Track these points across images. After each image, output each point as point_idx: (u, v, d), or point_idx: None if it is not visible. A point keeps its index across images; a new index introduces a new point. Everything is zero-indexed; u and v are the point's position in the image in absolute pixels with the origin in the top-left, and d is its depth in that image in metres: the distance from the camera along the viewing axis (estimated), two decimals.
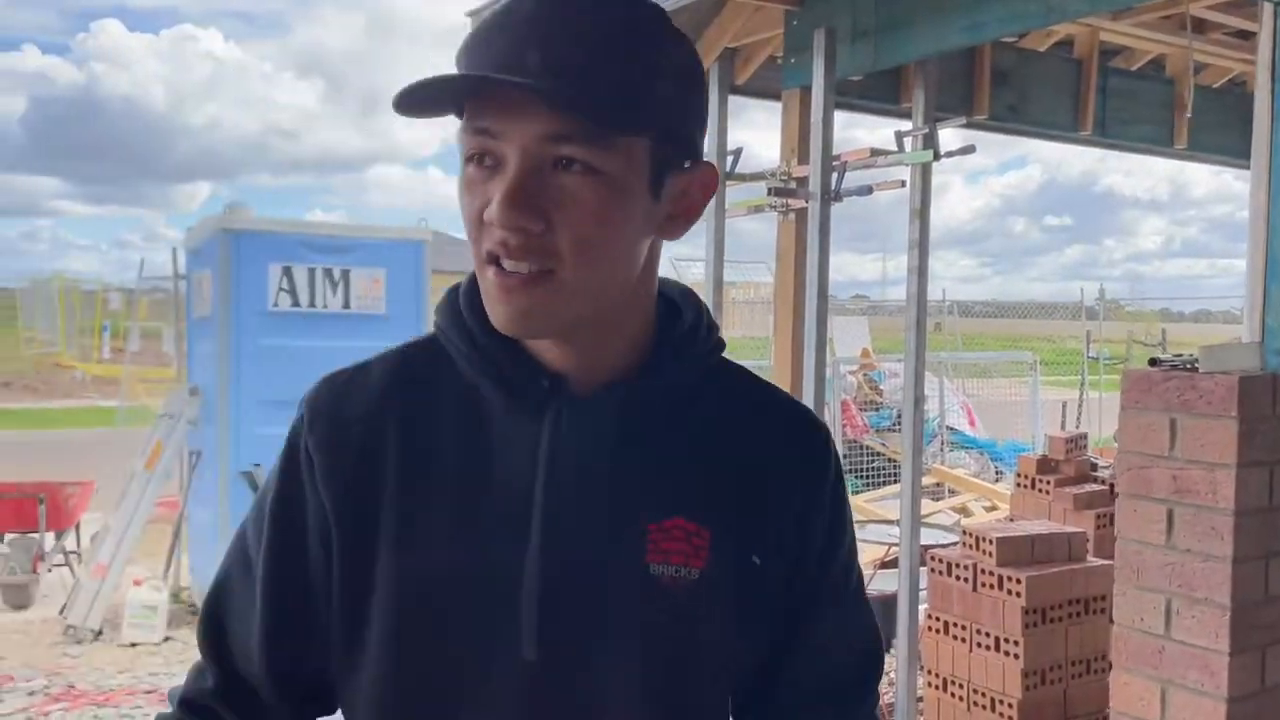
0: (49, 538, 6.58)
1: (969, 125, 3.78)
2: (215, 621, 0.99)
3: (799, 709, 1.00)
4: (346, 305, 6.04)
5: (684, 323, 0.97)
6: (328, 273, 6.00)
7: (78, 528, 6.80)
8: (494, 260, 0.85)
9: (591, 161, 0.82)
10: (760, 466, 0.96)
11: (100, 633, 5.55)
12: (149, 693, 4.71)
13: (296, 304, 5.91)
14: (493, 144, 0.84)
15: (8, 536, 6.41)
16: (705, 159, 0.94)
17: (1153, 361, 2.35)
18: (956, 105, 3.69)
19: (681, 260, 11.65)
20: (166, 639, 5.53)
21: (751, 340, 11.89)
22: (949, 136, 3.44)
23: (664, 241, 0.94)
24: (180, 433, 6.06)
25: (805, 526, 0.97)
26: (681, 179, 0.90)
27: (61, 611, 5.82)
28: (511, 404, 0.91)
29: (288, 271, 5.89)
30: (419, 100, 0.83)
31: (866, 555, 5.44)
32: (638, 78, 0.84)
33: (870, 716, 1.05)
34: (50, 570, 6.55)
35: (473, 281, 0.93)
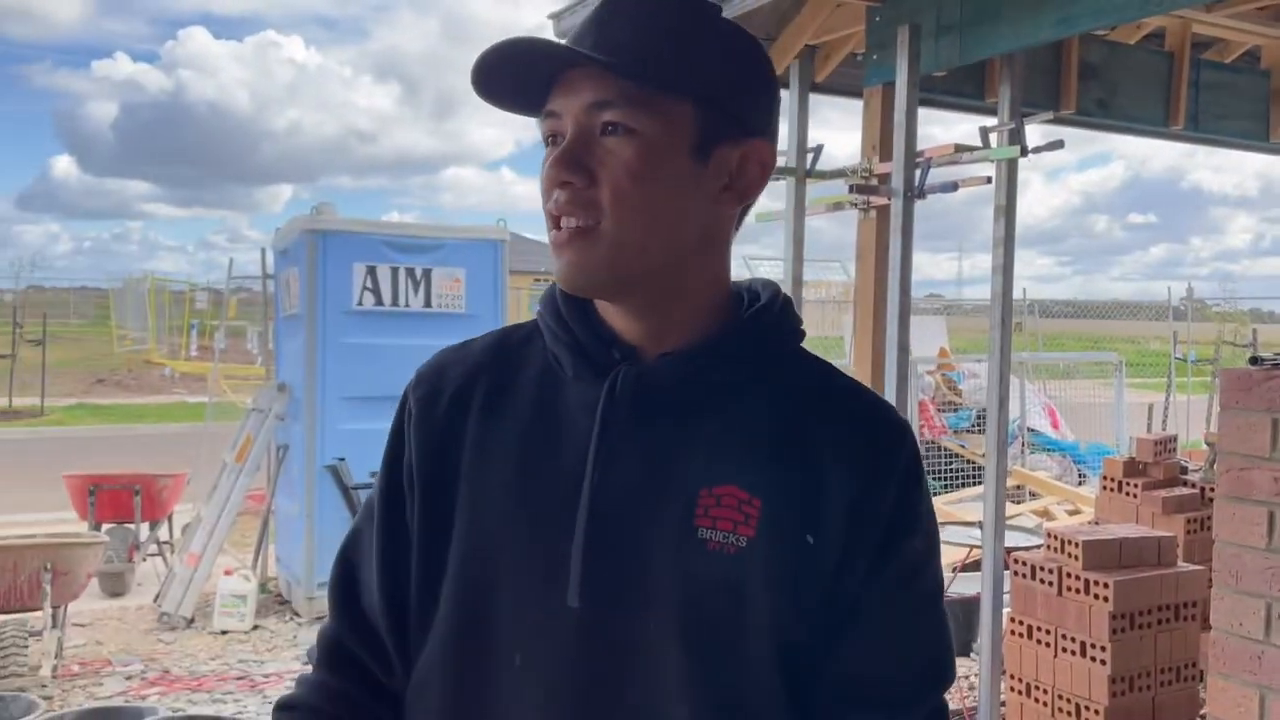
0: (144, 528, 6.83)
1: (1056, 120, 3.72)
2: (346, 568, 1.09)
3: (834, 710, 0.98)
4: (427, 304, 6.15)
5: (758, 305, 1.01)
6: (409, 272, 6.12)
7: (170, 519, 7.04)
8: (555, 223, 0.95)
9: (629, 123, 0.92)
10: (821, 448, 0.96)
11: (192, 620, 5.75)
12: (239, 679, 4.86)
13: (379, 303, 6.04)
14: (558, 123, 0.95)
15: (105, 526, 6.66)
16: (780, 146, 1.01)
17: (1253, 360, 2.29)
18: (1043, 100, 3.63)
19: (754, 259, 11.62)
20: (255, 627, 5.70)
21: (824, 340, 11.79)
22: (1034, 132, 3.39)
23: (735, 219, 1.01)
24: (268, 427, 6.24)
25: (861, 516, 0.96)
26: (734, 152, 0.97)
27: (156, 599, 6.03)
28: (581, 369, 0.99)
29: (371, 271, 6.03)
30: (490, 88, 0.97)
31: (945, 557, 5.36)
32: (674, 48, 0.94)
33: None
34: (145, 559, 6.79)
35: None
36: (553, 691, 0.94)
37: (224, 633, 5.61)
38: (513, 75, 0.95)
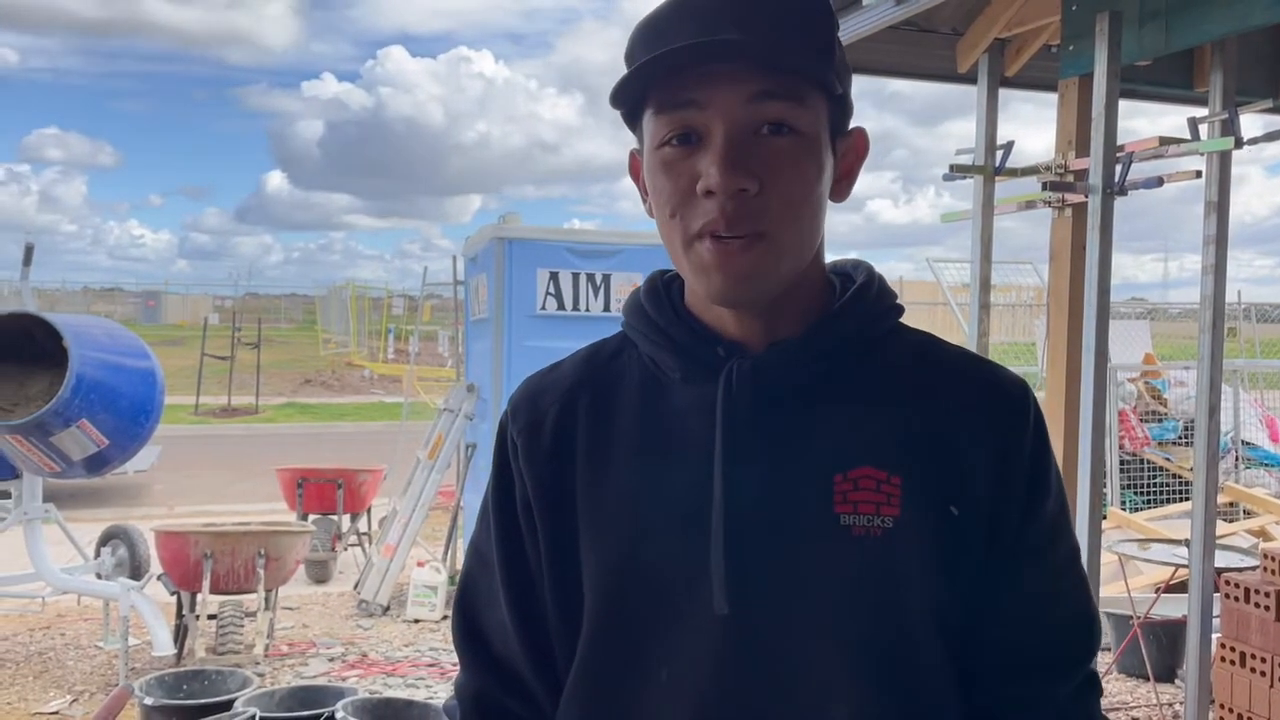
0: (345, 519, 7.27)
1: (1275, 109, 3.45)
2: (467, 616, 1.06)
3: (997, 682, 0.96)
4: (606, 308, 6.28)
5: (853, 285, 0.99)
6: (590, 277, 6.28)
7: (369, 511, 7.46)
8: (706, 233, 0.89)
9: (794, 122, 0.88)
10: (949, 418, 0.94)
11: (388, 608, 6.07)
12: (430, 666, 5.10)
13: (561, 307, 6.22)
14: (697, 117, 0.88)
15: (311, 517, 7.13)
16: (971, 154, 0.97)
17: None
18: (1260, 87, 3.38)
19: (939, 261, 11.25)
20: (444, 617, 5.96)
21: (1013, 346, 11.29)
22: (1251, 122, 3.16)
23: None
24: (458, 426, 6.51)
25: (1001, 480, 0.93)
26: (845, 141, 0.96)
27: (355, 587, 6.41)
28: (689, 372, 0.96)
29: (554, 276, 6.21)
30: (630, 87, 0.90)
31: (1149, 578, 5.05)
32: (821, 40, 0.91)
33: (1075, 700, 0.98)
34: (346, 549, 7.23)
35: (650, 282, 1.02)
36: (704, 704, 0.91)
37: (416, 621, 5.90)
38: (659, 66, 0.87)
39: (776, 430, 0.93)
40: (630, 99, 0.92)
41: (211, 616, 5.08)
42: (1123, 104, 3.05)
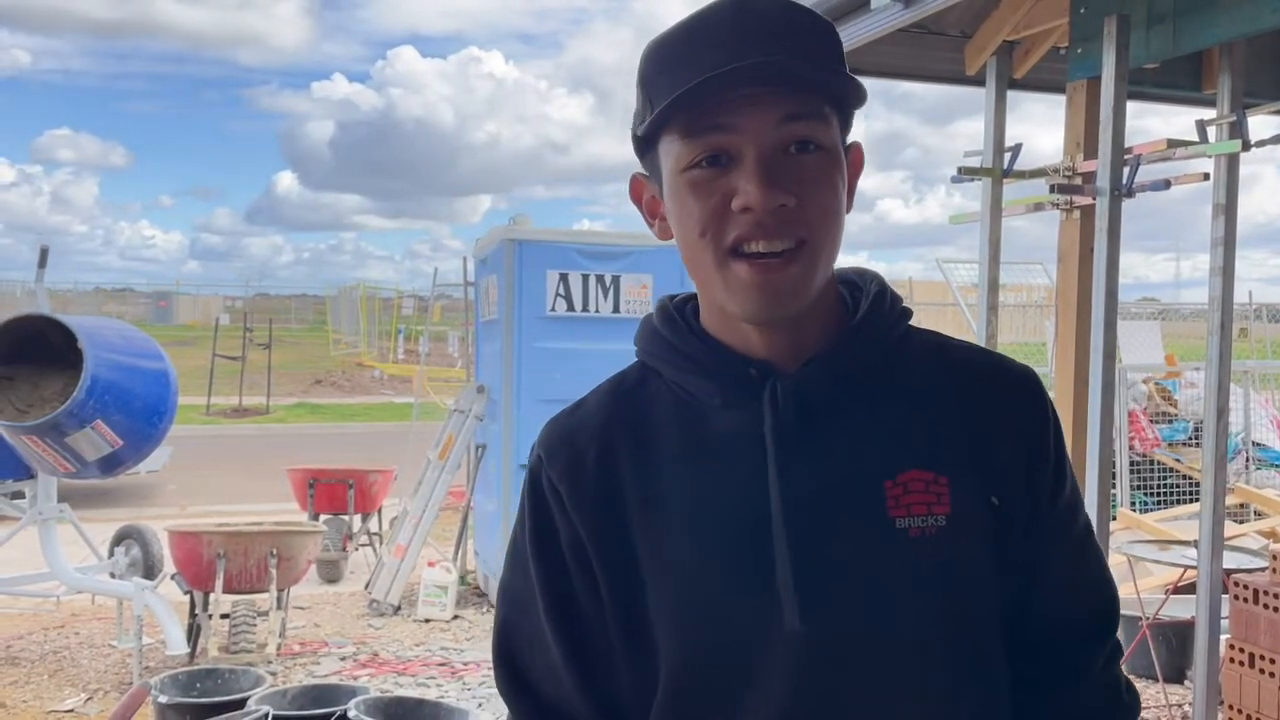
0: (356, 520, 7.30)
1: None
2: (510, 664, 1.04)
3: (1034, 656, 1.00)
4: (616, 310, 6.30)
5: (866, 297, 1.01)
6: (599, 279, 6.30)
7: (380, 512, 7.49)
8: (738, 251, 0.90)
9: (819, 139, 0.91)
10: (978, 413, 0.98)
11: (399, 608, 6.10)
12: (441, 665, 5.13)
13: (571, 308, 6.24)
14: (727, 139, 0.90)
15: (322, 517, 7.16)
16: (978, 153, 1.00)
17: None
18: (1268, 89, 3.37)
19: (948, 262, 11.24)
20: (455, 617, 6.00)
21: (1024, 346, 11.27)
22: (1262, 124, 3.16)
23: None
24: (468, 427, 6.54)
25: (1030, 467, 0.98)
26: (849, 156, 0.98)
27: (366, 587, 6.44)
28: (726, 396, 0.97)
29: (564, 278, 6.23)
30: (662, 116, 0.91)
31: (1158, 579, 5.05)
32: (835, 59, 0.94)
33: (1107, 665, 1.03)
34: (357, 549, 7.26)
35: (662, 309, 1.03)
36: (788, 718, 0.93)
37: (426, 621, 5.93)
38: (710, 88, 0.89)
39: (822, 445, 0.95)
40: (652, 126, 0.92)
41: (224, 616, 5.12)
42: (1135, 103, 3.05)
